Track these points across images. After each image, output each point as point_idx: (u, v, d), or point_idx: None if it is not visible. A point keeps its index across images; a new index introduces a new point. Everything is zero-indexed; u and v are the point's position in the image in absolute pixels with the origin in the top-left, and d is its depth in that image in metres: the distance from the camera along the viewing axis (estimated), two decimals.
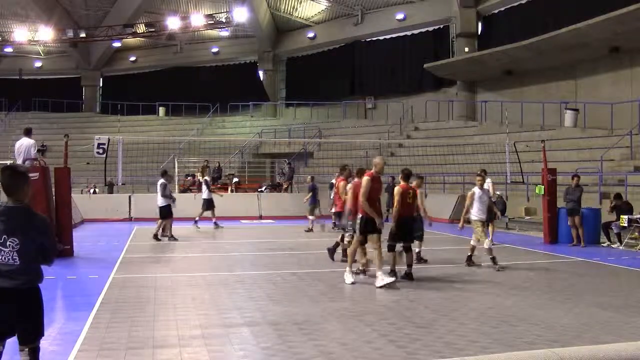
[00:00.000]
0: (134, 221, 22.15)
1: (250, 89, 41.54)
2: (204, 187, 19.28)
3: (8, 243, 3.92)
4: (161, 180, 15.96)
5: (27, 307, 4.00)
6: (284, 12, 39.75)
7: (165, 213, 15.77)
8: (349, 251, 9.83)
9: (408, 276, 9.68)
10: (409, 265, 9.79)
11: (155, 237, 15.65)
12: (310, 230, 17.86)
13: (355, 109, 37.49)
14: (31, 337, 4.07)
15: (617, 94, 23.10)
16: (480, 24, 31.84)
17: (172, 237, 15.77)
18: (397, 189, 9.93)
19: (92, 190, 27.96)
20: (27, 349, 4.07)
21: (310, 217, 18.37)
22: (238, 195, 25.68)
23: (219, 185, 27.01)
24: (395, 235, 9.78)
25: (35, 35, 39.73)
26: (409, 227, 9.97)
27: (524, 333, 6.37)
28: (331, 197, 18.71)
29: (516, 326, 6.67)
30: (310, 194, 18.90)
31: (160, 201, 15.81)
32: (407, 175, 10.01)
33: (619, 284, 9.95)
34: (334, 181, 14.64)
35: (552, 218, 15.13)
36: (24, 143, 12.57)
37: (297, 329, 6.55)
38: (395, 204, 9.90)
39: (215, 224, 19.11)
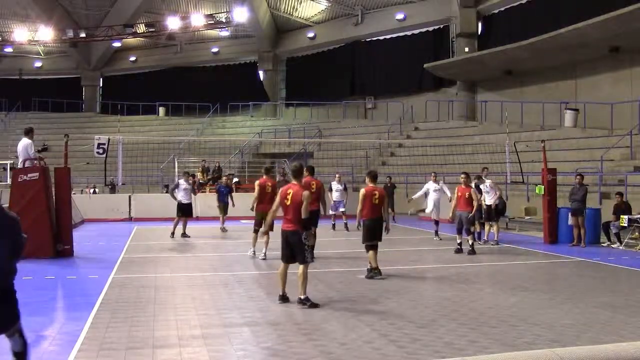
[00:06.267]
0: (134, 221, 22.16)
1: (250, 88, 41.49)
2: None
3: None
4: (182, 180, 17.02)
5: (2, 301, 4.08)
6: (284, 12, 39.71)
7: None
8: None
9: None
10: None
11: (184, 234, 16.43)
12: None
13: (355, 109, 37.44)
14: (9, 323, 4.16)
15: (617, 94, 23.07)
16: (480, 24, 31.78)
17: (173, 235, 16.28)
18: (362, 191, 10.06)
19: (92, 191, 27.96)
20: (13, 336, 4.17)
21: None
22: (238, 195, 25.65)
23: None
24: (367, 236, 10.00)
25: (35, 35, 39.62)
26: (378, 229, 10.02)
27: (524, 333, 6.37)
28: (335, 198, 18.79)
29: (516, 326, 6.67)
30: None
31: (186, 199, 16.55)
32: (373, 177, 10.16)
33: (619, 284, 9.96)
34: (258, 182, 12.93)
35: (552, 218, 15.13)
36: (23, 144, 12.65)
37: (297, 329, 6.56)
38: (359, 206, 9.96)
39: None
